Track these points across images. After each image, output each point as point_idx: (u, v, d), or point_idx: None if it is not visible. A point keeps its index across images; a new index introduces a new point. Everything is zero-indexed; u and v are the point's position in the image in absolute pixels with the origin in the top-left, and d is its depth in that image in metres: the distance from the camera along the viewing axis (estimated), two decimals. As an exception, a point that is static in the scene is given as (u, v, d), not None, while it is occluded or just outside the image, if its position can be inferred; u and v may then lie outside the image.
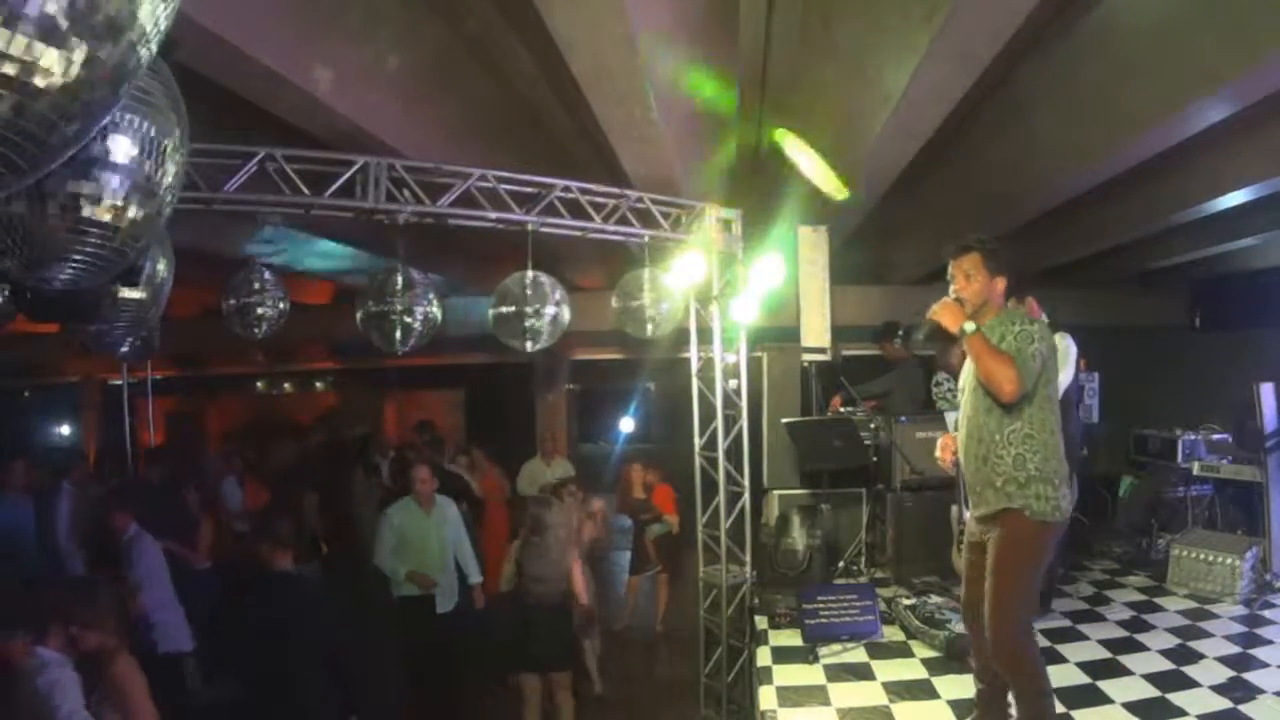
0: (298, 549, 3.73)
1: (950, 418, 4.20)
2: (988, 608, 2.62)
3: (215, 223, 4.44)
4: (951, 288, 2.84)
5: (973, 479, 2.75)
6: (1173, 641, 3.64)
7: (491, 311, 4.14)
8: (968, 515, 2.86)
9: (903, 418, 4.92)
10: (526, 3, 2.85)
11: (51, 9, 1.01)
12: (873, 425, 5.07)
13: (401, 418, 11.14)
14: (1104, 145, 4.19)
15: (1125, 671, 3.33)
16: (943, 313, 2.78)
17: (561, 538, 4.35)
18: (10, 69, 1.01)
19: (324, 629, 3.44)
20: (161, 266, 2.80)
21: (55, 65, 1.05)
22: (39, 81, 1.05)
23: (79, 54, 1.07)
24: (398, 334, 4.02)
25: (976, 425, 2.73)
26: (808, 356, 5.74)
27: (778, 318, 5.38)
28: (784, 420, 5.18)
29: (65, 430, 12.23)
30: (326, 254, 6.74)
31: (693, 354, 4.80)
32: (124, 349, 4.08)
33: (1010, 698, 2.72)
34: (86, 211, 1.64)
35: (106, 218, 1.67)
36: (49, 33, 1.02)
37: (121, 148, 1.63)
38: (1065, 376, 3.81)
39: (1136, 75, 3.63)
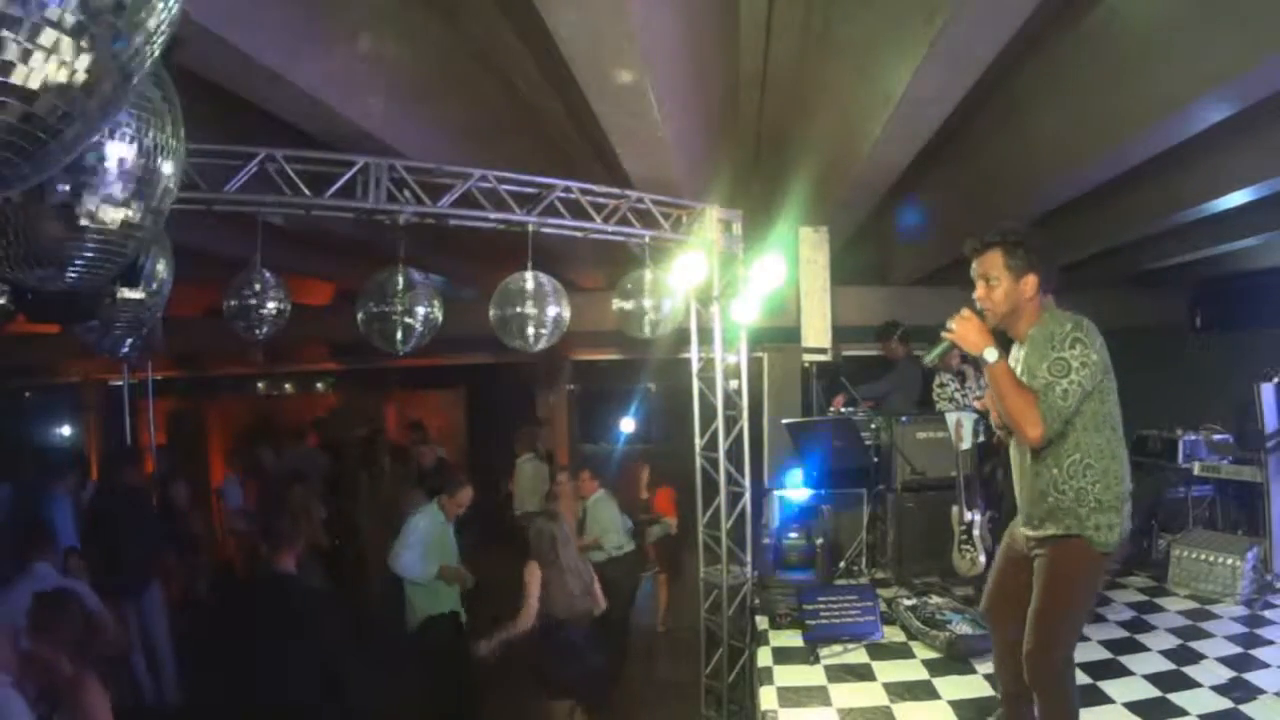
0: (300, 551, 3.71)
1: (951, 418, 4.19)
2: (1032, 628, 2.42)
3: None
4: (975, 293, 2.52)
5: (1029, 507, 2.51)
6: (1173, 642, 3.64)
7: (492, 312, 4.13)
8: (973, 515, 2.77)
9: (904, 418, 4.91)
10: (527, 3, 2.85)
11: (58, 9, 1.01)
12: (873, 426, 5.07)
13: (402, 418, 11.15)
14: (1104, 145, 4.18)
15: (1126, 672, 3.33)
16: (963, 331, 2.43)
17: (573, 547, 4.32)
18: (15, 70, 1.01)
19: (323, 636, 3.38)
20: (162, 266, 2.80)
21: (64, 64, 1.05)
22: (47, 81, 1.05)
23: (85, 55, 1.07)
24: (398, 335, 4.01)
25: (1030, 460, 2.46)
26: (808, 357, 5.75)
27: (778, 318, 5.38)
28: (784, 420, 5.18)
29: (65, 431, 12.22)
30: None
31: (693, 354, 4.80)
32: (125, 349, 4.06)
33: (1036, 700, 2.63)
34: (84, 212, 1.64)
35: (104, 218, 1.67)
36: (58, 30, 1.02)
37: (119, 148, 1.63)
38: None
39: (1137, 75, 3.63)
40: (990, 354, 2.39)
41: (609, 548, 5.58)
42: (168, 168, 1.75)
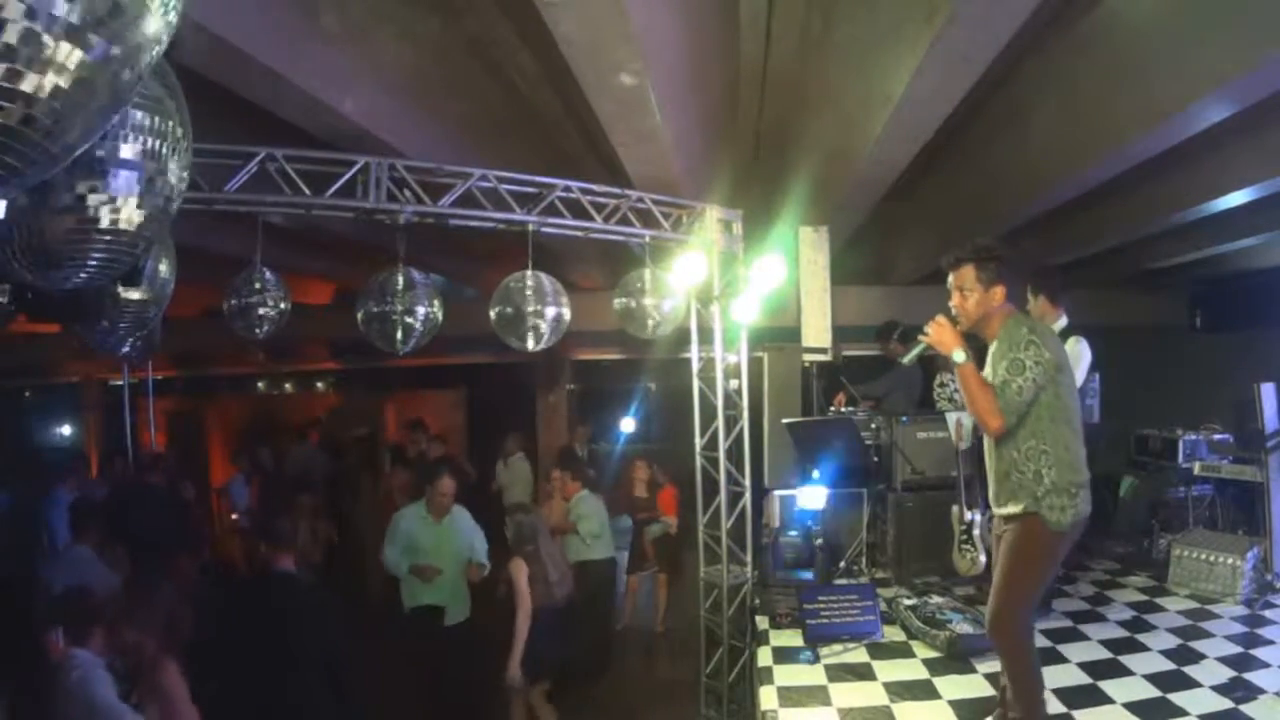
0: (298, 550, 3.73)
1: (951, 418, 4.19)
2: (993, 595, 2.72)
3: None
4: (951, 301, 2.84)
5: (996, 487, 2.82)
6: (1173, 641, 3.64)
7: (493, 311, 4.13)
8: (973, 515, 2.88)
9: (904, 418, 4.91)
10: (527, 3, 2.86)
11: (60, 11, 1.01)
12: (874, 425, 5.06)
13: (402, 418, 11.15)
14: (1104, 145, 4.18)
15: (1126, 671, 3.33)
16: (936, 335, 2.79)
17: (549, 537, 4.47)
18: (18, 71, 1.01)
19: (323, 635, 3.41)
20: (164, 266, 2.80)
21: (63, 67, 1.05)
22: (47, 84, 1.05)
23: (88, 55, 1.07)
24: (398, 334, 4.01)
25: (995, 446, 2.78)
26: (808, 356, 5.73)
27: (779, 318, 5.38)
28: (785, 420, 5.18)
29: (66, 431, 12.23)
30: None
31: (694, 354, 4.80)
32: (125, 349, 4.07)
33: None
34: (91, 213, 1.64)
35: (111, 218, 1.67)
36: (57, 34, 1.02)
37: (126, 148, 1.63)
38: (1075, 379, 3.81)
39: (1137, 76, 3.63)
40: (959, 355, 2.72)
41: (585, 535, 5.58)
42: (175, 167, 1.75)
